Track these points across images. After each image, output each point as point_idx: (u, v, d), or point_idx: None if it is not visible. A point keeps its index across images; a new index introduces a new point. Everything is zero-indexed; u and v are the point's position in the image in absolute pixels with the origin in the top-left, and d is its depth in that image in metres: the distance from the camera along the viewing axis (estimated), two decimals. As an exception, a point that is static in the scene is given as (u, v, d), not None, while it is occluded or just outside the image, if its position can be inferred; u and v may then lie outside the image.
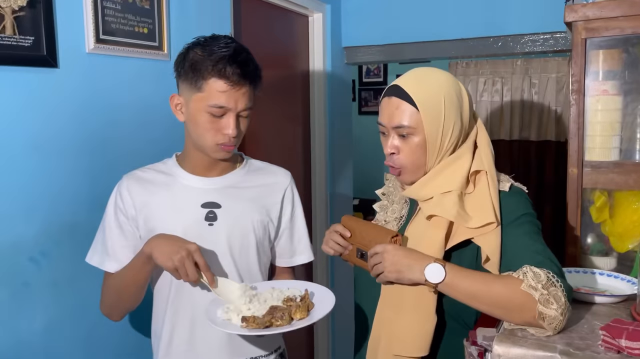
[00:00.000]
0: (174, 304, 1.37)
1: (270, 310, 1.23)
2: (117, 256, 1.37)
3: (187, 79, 1.30)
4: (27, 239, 1.44)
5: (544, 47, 2.55)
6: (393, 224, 1.38)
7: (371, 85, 5.55)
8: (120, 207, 1.37)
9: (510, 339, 1.07)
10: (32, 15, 1.41)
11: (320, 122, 2.91)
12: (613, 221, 1.67)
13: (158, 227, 1.34)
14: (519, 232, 1.20)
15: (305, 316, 1.24)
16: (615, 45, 1.67)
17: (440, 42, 2.76)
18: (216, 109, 1.28)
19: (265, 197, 1.44)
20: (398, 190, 1.42)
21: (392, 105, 1.24)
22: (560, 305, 1.05)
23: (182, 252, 1.21)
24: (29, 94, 1.44)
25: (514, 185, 1.28)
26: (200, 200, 1.37)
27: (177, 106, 1.35)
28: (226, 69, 1.26)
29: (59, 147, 1.51)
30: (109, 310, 1.43)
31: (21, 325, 1.43)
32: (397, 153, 1.26)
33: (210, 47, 1.28)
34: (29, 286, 1.45)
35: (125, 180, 1.40)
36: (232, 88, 1.27)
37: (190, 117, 1.32)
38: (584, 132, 1.68)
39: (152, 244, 1.25)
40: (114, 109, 1.66)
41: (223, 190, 1.40)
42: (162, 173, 1.41)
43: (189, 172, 1.39)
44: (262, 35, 2.48)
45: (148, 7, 1.75)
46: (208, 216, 1.36)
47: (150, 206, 1.36)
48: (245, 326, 1.19)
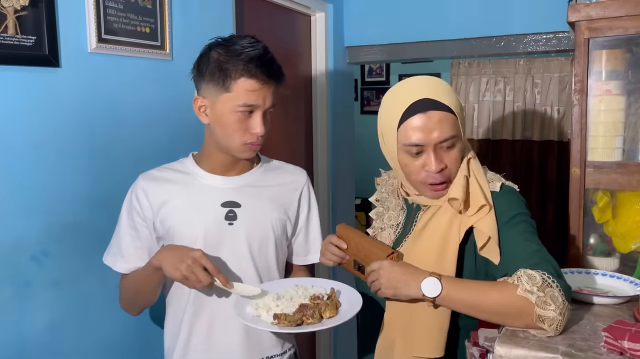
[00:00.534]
0: (194, 304, 1.37)
1: (300, 308, 1.23)
2: (130, 257, 1.39)
3: (212, 79, 1.29)
4: (29, 238, 1.44)
5: (546, 46, 2.54)
6: (390, 231, 1.37)
7: (373, 84, 5.55)
8: (135, 208, 1.38)
9: (512, 340, 1.07)
10: (34, 15, 1.41)
11: (323, 121, 2.91)
12: (616, 222, 1.67)
13: (177, 227, 1.34)
14: (513, 234, 1.19)
15: (334, 314, 1.24)
16: (618, 45, 1.67)
17: (442, 41, 2.75)
18: (246, 107, 1.28)
19: (283, 195, 1.46)
20: (392, 196, 1.41)
21: (431, 120, 1.17)
22: (558, 305, 1.05)
23: (187, 260, 1.21)
24: (31, 94, 1.44)
25: (504, 184, 1.28)
26: (220, 199, 1.37)
27: (200, 108, 1.34)
28: (256, 68, 1.27)
29: (60, 147, 1.51)
30: (126, 306, 1.47)
31: (24, 324, 1.43)
32: (446, 167, 1.22)
33: (235, 47, 1.28)
34: (31, 285, 1.45)
35: (141, 180, 1.40)
36: (261, 87, 1.28)
37: (217, 118, 1.31)
38: (587, 132, 1.67)
39: (159, 257, 1.27)
40: (116, 108, 1.66)
41: (242, 189, 1.40)
42: (180, 172, 1.41)
43: (207, 172, 1.40)
44: (265, 34, 2.44)
45: (150, 6, 1.75)
46: (228, 215, 1.36)
47: (168, 206, 1.36)
48: (277, 323, 1.20)
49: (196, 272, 1.21)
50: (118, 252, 1.40)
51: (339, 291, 1.32)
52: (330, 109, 2.92)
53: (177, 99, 1.86)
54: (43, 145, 1.47)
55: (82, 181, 1.56)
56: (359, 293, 1.32)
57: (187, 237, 1.33)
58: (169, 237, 1.36)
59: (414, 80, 1.24)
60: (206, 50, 1.33)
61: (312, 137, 2.93)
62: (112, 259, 1.42)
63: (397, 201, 1.39)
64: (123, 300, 1.47)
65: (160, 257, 1.26)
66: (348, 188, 3.20)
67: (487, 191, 1.23)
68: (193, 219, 1.35)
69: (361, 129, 5.13)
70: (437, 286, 1.13)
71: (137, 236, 1.39)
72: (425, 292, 1.13)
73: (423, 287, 1.13)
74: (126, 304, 1.47)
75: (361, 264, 1.29)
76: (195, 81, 1.36)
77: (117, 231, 1.42)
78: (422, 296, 1.14)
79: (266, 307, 1.25)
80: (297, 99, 2.80)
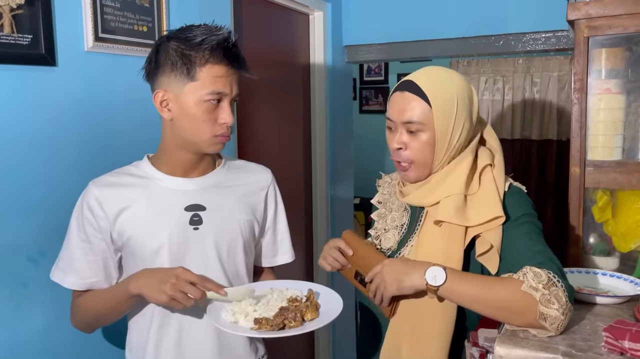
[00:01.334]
0: (160, 316, 1.29)
1: (280, 311, 1.18)
2: (82, 272, 1.28)
3: (174, 70, 1.21)
4: (25, 238, 1.43)
5: (545, 45, 2.54)
6: (394, 232, 1.36)
7: (372, 84, 5.54)
8: (88, 219, 1.26)
9: (512, 340, 1.06)
10: (30, 14, 1.40)
11: (321, 121, 2.90)
12: (616, 221, 1.66)
13: (138, 236, 1.25)
14: (519, 233, 1.19)
15: (316, 316, 1.19)
16: (618, 43, 1.66)
17: (441, 40, 2.75)
18: (214, 95, 1.21)
19: (250, 196, 1.39)
20: (395, 197, 1.40)
21: (404, 100, 1.22)
22: (562, 305, 1.05)
23: (171, 279, 1.14)
24: (27, 93, 1.43)
25: (512, 184, 1.27)
26: (183, 203, 1.29)
27: (162, 103, 1.25)
28: (222, 53, 1.21)
29: (57, 146, 1.50)
30: (83, 327, 1.35)
31: (20, 325, 1.43)
32: (404, 149, 1.24)
33: (194, 35, 1.21)
34: (28, 286, 1.44)
35: (93, 188, 1.28)
36: (228, 72, 1.23)
37: (183, 111, 1.23)
38: (587, 131, 1.67)
39: (138, 284, 1.18)
40: (113, 108, 1.65)
41: (206, 191, 1.32)
42: (136, 176, 1.31)
43: (167, 174, 1.31)
44: (263, 33, 2.47)
45: (147, 5, 1.74)
46: (193, 219, 1.28)
47: (126, 214, 1.26)
48: (258, 328, 1.15)
49: (183, 288, 1.14)
50: (69, 267, 1.28)
51: (317, 292, 1.28)
52: (329, 108, 2.91)
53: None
54: (39, 144, 1.46)
55: (78, 180, 1.54)
56: (337, 293, 1.28)
57: (149, 246, 1.25)
58: (129, 248, 1.27)
59: (426, 66, 1.28)
60: (162, 41, 1.25)
61: (311, 136, 2.92)
62: (61, 274, 1.29)
63: (399, 202, 1.38)
64: (77, 320, 1.34)
65: (139, 284, 1.18)
66: (347, 187, 3.19)
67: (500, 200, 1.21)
68: (155, 226, 1.26)
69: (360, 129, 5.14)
70: (441, 274, 1.11)
71: (90, 249, 1.27)
72: (429, 280, 1.11)
73: (427, 275, 1.12)
74: (81, 325, 1.34)
75: (363, 275, 1.27)
76: (152, 76, 1.27)
77: (66, 244, 1.30)
78: (426, 286, 1.12)
79: (244, 312, 1.19)
80: (295, 99, 2.80)
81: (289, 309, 1.18)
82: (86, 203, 1.27)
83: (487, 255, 1.19)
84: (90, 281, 1.29)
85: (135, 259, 1.27)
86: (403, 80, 1.25)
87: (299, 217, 2.83)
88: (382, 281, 1.19)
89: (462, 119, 1.23)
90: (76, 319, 1.34)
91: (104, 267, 1.29)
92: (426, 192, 1.27)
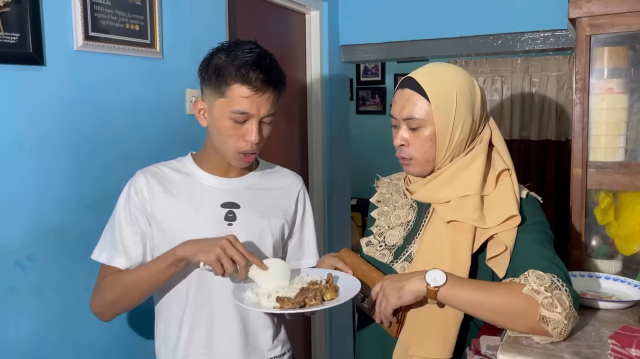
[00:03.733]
0: (193, 305, 1.35)
1: (301, 291, 1.22)
2: (128, 252, 1.34)
3: (210, 84, 1.30)
4: (13, 243, 1.39)
5: (544, 45, 2.51)
6: (399, 229, 1.35)
7: (369, 84, 5.53)
8: (134, 202, 1.34)
9: (515, 348, 1.03)
10: (17, 12, 1.36)
11: (318, 121, 2.88)
12: (618, 223, 1.64)
13: (177, 225, 1.33)
14: (529, 238, 1.18)
15: (335, 296, 1.22)
16: (620, 42, 1.64)
17: (439, 40, 2.72)
18: (239, 115, 1.27)
19: (282, 199, 1.46)
20: (399, 195, 1.40)
21: (404, 97, 1.24)
22: (565, 308, 1.02)
23: (222, 241, 1.19)
24: (15, 93, 1.39)
25: (530, 194, 1.28)
26: (219, 200, 1.37)
27: (200, 111, 1.35)
28: (249, 74, 1.26)
29: (45, 148, 1.47)
30: (104, 308, 1.35)
31: (8, 331, 1.39)
32: (406, 145, 1.25)
33: (235, 53, 1.28)
34: (16, 291, 1.40)
35: (142, 175, 1.37)
36: (255, 94, 1.27)
37: (213, 123, 1.32)
38: (589, 131, 1.64)
39: (184, 248, 1.23)
40: (104, 108, 1.62)
41: (242, 191, 1.41)
42: (179, 172, 1.40)
43: (207, 172, 1.39)
44: (258, 33, 2.43)
45: (139, 3, 1.70)
46: (227, 215, 1.36)
47: (168, 204, 1.34)
48: (280, 306, 1.19)
49: (232, 253, 1.19)
50: (115, 247, 1.33)
51: (336, 276, 1.30)
52: (326, 108, 2.89)
53: (168, 98, 1.81)
54: (27, 146, 1.42)
55: (68, 182, 1.52)
56: (355, 278, 1.29)
57: (186, 236, 1.28)
58: (166, 236, 1.32)
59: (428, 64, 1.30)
60: (210, 54, 1.33)
61: (307, 137, 2.90)
62: (108, 254, 1.34)
63: (404, 200, 1.38)
64: (104, 300, 1.34)
65: (186, 248, 1.23)
66: (344, 188, 3.17)
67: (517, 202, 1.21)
68: (194, 218, 1.34)
69: (356, 129, 5.12)
70: (441, 276, 1.09)
71: (135, 231, 1.34)
72: (429, 281, 1.10)
73: (427, 277, 1.10)
74: (106, 305, 1.35)
75: (364, 294, 1.27)
76: (200, 84, 1.36)
77: (112, 226, 1.35)
78: (427, 288, 1.10)
79: (267, 294, 1.23)
80: (291, 99, 2.77)
81: (309, 289, 1.22)
82: (134, 187, 1.35)
83: (498, 257, 1.18)
84: (135, 261, 1.34)
85: (169, 246, 1.29)
86: (405, 77, 1.26)
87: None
88: (383, 296, 1.17)
89: (463, 114, 1.22)
90: (99, 298, 1.34)
91: (143, 250, 1.35)
92: (435, 188, 1.26)
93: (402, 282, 1.14)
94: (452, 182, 1.24)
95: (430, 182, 1.28)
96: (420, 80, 1.22)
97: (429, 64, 1.28)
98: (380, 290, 1.18)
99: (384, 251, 1.34)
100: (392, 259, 1.32)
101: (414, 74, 1.25)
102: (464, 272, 1.18)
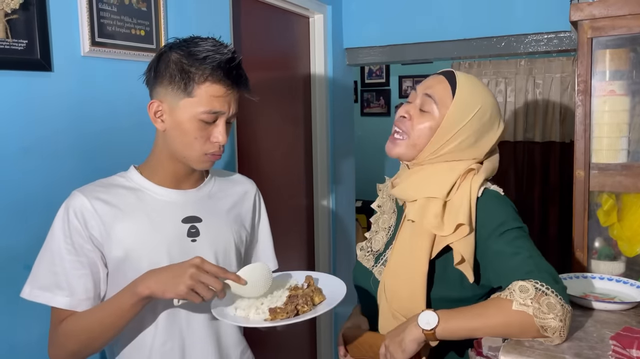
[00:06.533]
0: (163, 334, 1.23)
1: (290, 299, 1.16)
2: (72, 288, 1.17)
3: (172, 83, 1.19)
4: (22, 246, 1.41)
5: (548, 47, 2.52)
6: (382, 234, 1.38)
7: (373, 86, 5.53)
8: (76, 228, 1.17)
9: (517, 349, 1.04)
10: (25, 18, 1.38)
11: (322, 124, 2.89)
12: (621, 225, 1.64)
13: (134, 249, 1.19)
14: (501, 244, 1.16)
15: (323, 298, 1.18)
16: (622, 44, 1.64)
17: (442, 42, 2.73)
18: (210, 115, 1.19)
19: (239, 206, 1.40)
20: (389, 199, 1.42)
21: (437, 80, 1.28)
22: (557, 313, 1.03)
23: (189, 269, 1.07)
24: (23, 99, 1.41)
25: (487, 189, 1.24)
26: (180, 215, 1.26)
27: (156, 114, 1.22)
28: (223, 73, 1.18)
29: (53, 153, 1.48)
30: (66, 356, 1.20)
31: (17, 335, 1.41)
32: (408, 119, 1.28)
33: (198, 49, 1.18)
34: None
35: (81, 196, 1.20)
36: (227, 93, 1.20)
37: (176, 125, 1.21)
38: (591, 133, 1.64)
39: (149, 284, 1.09)
40: (110, 113, 1.64)
41: (200, 202, 1.31)
42: (126, 188, 1.26)
43: (159, 186, 1.27)
44: (262, 37, 2.45)
45: (145, 9, 1.72)
46: (190, 231, 1.26)
47: (121, 226, 1.20)
48: (273, 318, 1.13)
49: (204, 279, 1.07)
50: (54, 284, 1.17)
51: (316, 278, 1.26)
52: (330, 111, 2.90)
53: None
54: (35, 150, 1.44)
55: (75, 186, 1.52)
56: (334, 276, 1.27)
57: (147, 260, 1.20)
58: (124, 262, 1.20)
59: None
60: (165, 50, 1.22)
61: (312, 139, 2.91)
62: (45, 293, 1.16)
63: (391, 204, 1.40)
64: (63, 350, 1.19)
65: (150, 283, 1.09)
66: (348, 191, 3.17)
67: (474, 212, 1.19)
68: (153, 239, 1.21)
69: (361, 131, 5.12)
70: (432, 317, 1.10)
71: (79, 262, 1.18)
72: (423, 326, 1.10)
73: (420, 322, 1.11)
74: (65, 355, 1.19)
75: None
76: (151, 84, 1.25)
77: (46, 258, 1.18)
78: (423, 333, 1.10)
79: (253, 306, 1.16)
80: (295, 102, 2.78)
81: (297, 296, 1.17)
82: (73, 211, 1.18)
83: (461, 265, 1.18)
84: (80, 298, 1.18)
85: (131, 273, 1.18)
86: (448, 69, 1.32)
87: (300, 221, 2.81)
88: (390, 357, 1.16)
89: (471, 129, 1.24)
90: (59, 348, 1.20)
91: (93, 284, 1.19)
92: (410, 186, 1.28)
93: (400, 335, 1.14)
94: (424, 183, 1.25)
95: (407, 180, 1.29)
96: (458, 79, 1.26)
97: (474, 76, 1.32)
98: (386, 351, 1.18)
99: (369, 256, 1.38)
100: (373, 263, 1.35)
101: (457, 72, 1.29)
102: (421, 278, 1.19)
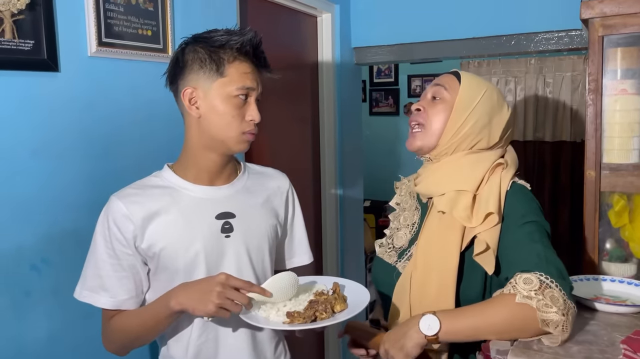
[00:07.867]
0: (198, 328, 1.28)
1: (310, 304, 1.17)
2: (115, 290, 1.24)
3: (202, 67, 1.22)
4: (28, 246, 1.42)
5: (558, 45, 2.49)
6: (405, 231, 1.38)
7: (382, 85, 5.51)
8: (115, 234, 1.22)
9: (526, 353, 1.03)
10: (32, 19, 1.39)
11: (330, 123, 2.88)
12: (633, 226, 1.61)
13: (172, 246, 1.23)
14: (519, 234, 1.17)
15: (345, 307, 1.19)
16: (634, 42, 1.61)
17: (451, 41, 2.71)
18: (243, 90, 1.23)
19: (272, 200, 1.41)
20: (409, 197, 1.43)
21: (444, 77, 1.36)
22: (559, 306, 1.02)
23: (216, 288, 1.11)
24: (30, 99, 1.41)
25: (515, 182, 1.27)
26: (213, 212, 1.28)
27: (191, 100, 1.24)
28: (249, 50, 1.25)
29: (60, 153, 1.49)
30: (118, 349, 1.30)
31: (24, 334, 1.41)
32: (422, 111, 1.33)
33: (219, 35, 1.25)
34: (31, 294, 1.42)
35: (118, 202, 1.23)
36: (254, 69, 1.27)
37: (211, 108, 1.23)
38: (602, 133, 1.62)
39: (179, 300, 1.15)
40: (117, 113, 1.64)
41: (234, 198, 1.32)
42: (160, 187, 1.28)
43: (193, 183, 1.29)
44: (270, 36, 2.43)
45: (152, 8, 1.72)
46: (224, 227, 1.28)
47: (157, 225, 1.23)
48: (290, 321, 1.15)
49: (230, 295, 1.12)
50: (99, 286, 1.23)
51: (343, 285, 1.27)
52: (338, 110, 2.89)
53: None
54: (42, 151, 1.44)
55: (82, 186, 1.54)
56: (361, 285, 1.28)
57: (183, 258, 1.24)
58: (161, 260, 1.24)
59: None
60: (188, 42, 1.26)
61: (319, 139, 2.90)
62: (92, 294, 1.24)
63: (412, 201, 1.41)
64: (113, 342, 1.29)
65: (181, 299, 1.15)
66: (356, 190, 3.16)
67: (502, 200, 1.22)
68: (189, 236, 1.24)
69: (370, 131, 5.11)
70: (434, 321, 1.09)
71: (119, 265, 1.23)
72: (425, 331, 1.09)
73: (422, 328, 1.09)
74: (117, 347, 1.30)
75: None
76: (178, 77, 1.26)
77: (92, 262, 1.25)
78: (425, 338, 1.09)
79: (274, 308, 1.19)
80: (303, 101, 2.77)
81: (318, 302, 1.18)
82: (112, 217, 1.23)
83: (483, 255, 1.19)
84: (123, 298, 1.24)
85: (168, 271, 1.24)
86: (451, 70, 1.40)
87: (308, 220, 2.77)
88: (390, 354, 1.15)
89: (482, 111, 1.28)
90: (111, 342, 1.29)
91: (134, 284, 1.25)
92: (436, 181, 1.30)
93: (400, 340, 1.13)
94: (451, 177, 1.28)
95: (433, 175, 1.31)
96: (462, 73, 1.35)
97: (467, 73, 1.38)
98: (385, 354, 1.17)
99: (392, 252, 1.38)
100: (396, 259, 1.35)
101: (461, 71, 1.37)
102: (452, 271, 1.20)
